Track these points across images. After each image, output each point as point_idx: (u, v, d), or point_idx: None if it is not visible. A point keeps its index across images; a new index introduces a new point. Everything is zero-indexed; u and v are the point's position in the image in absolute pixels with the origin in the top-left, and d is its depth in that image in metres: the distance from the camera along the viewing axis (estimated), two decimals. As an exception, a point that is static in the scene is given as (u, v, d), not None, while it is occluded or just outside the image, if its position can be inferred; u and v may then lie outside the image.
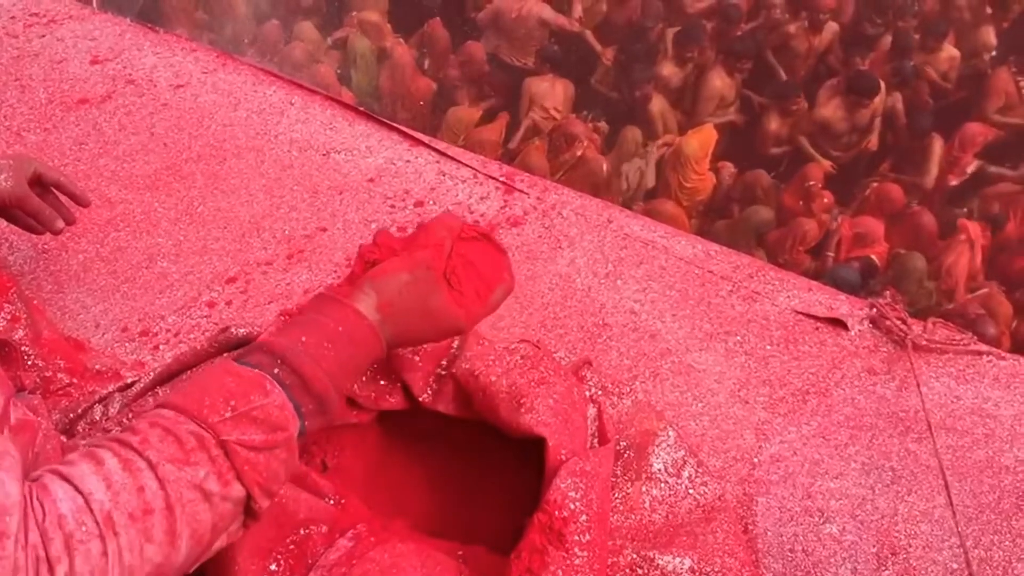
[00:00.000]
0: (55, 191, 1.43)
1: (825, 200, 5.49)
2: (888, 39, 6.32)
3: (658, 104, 6.04)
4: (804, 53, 6.16)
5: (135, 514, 0.73)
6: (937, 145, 5.64)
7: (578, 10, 6.50)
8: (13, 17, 2.02)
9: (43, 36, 2.00)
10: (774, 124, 5.91)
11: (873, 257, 5.00)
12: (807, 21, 6.19)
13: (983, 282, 4.98)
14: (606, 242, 1.75)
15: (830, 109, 5.86)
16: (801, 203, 5.53)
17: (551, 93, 6.12)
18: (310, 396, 0.85)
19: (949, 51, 6.28)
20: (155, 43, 2.03)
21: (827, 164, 5.86)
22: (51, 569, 0.68)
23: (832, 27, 6.24)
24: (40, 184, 1.37)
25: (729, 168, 5.94)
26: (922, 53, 6.22)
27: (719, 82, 6.01)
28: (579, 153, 5.62)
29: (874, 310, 1.62)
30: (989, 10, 6.52)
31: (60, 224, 1.38)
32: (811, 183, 5.48)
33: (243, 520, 0.83)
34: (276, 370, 0.85)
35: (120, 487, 0.74)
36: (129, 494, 0.74)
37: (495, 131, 5.80)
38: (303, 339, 0.87)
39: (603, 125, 5.92)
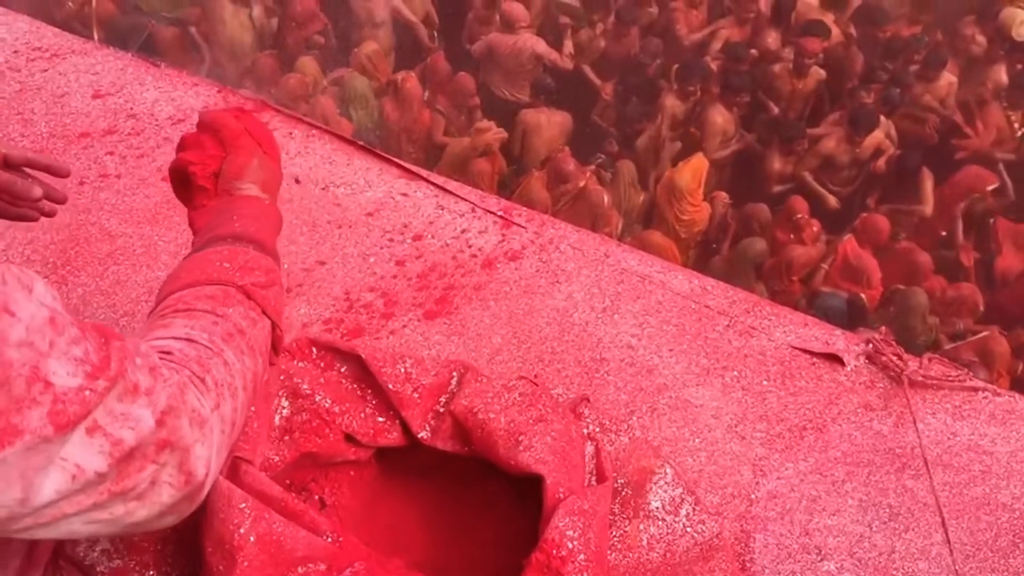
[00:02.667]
0: (30, 172, 1.30)
1: (814, 228, 5.54)
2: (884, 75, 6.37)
3: (647, 138, 6.09)
4: (787, 95, 6.22)
5: (225, 337, 0.90)
6: (927, 178, 5.69)
7: (568, 47, 6.56)
8: (16, 51, 2.04)
9: (46, 70, 2.02)
10: (777, 164, 5.95)
11: (863, 296, 5.03)
12: (792, 64, 6.23)
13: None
14: (603, 276, 1.76)
15: (832, 142, 5.93)
16: (792, 236, 5.57)
17: (546, 126, 6.16)
18: (267, 253, 1.06)
19: (948, 78, 6.35)
20: (156, 77, 2.04)
21: (833, 200, 5.91)
22: (202, 380, 0.82)
23: (818, 73, 6.27)
24: (9, 167, 1.26)
25: (723, 198, 5.98)
26: (921, 83, 6.29)
27: (720, 118, 6.06)
28: (580, 184, 5.66)
29: (870, 346, 1.62)
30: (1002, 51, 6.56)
31: (37, 191, 1.23)
32: (799, 215, 5.53)
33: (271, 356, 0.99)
34: (239, 244, 1.04)
35: (201, 327, 0.90)
36: (211, 328, 0.90)
37: (490, 163, 5.84)
38: (237, 225, 1.06)
39: (602, 160, 5.95)
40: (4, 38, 2.07)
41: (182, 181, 1.15)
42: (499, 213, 1.87)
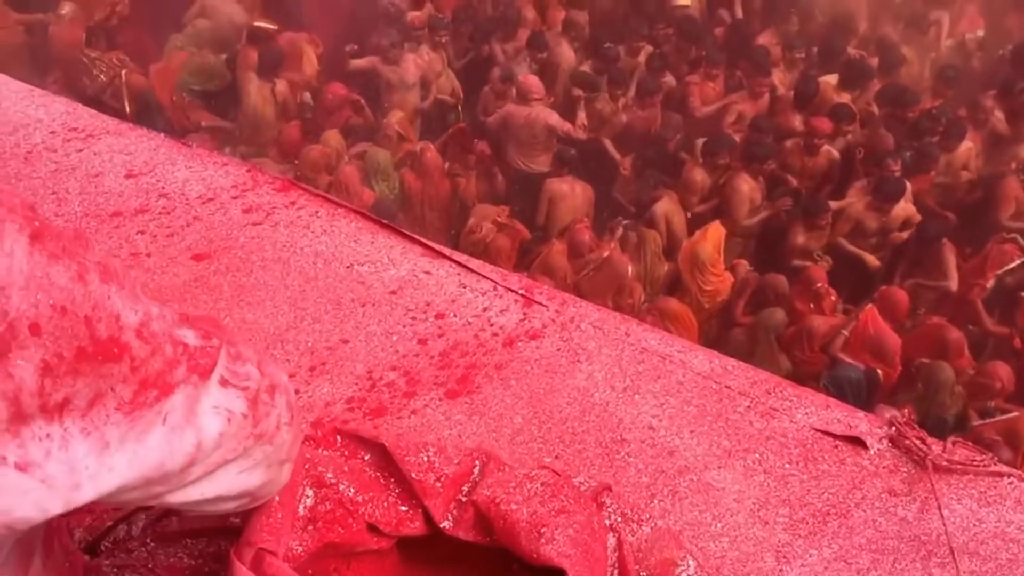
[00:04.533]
0: None
1: (832, 298, 5.54)
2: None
3: (664, 206, 6.14)
4: (798, 171, 6.28)
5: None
6: (950, 252, 5.68)
7: (581, 118, 6.69)
8: (53, 132, 2.11)
9: (81, 150, 2.08)
10: (800, 238, 5.99)
11: (878, 372, 5.01)
12: (802, 141, 6.30)
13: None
14: (624, 356, 1.77)
15: (860, 207, 5.97)
16: (811, 305, 5.57)
17: (571, 195, 6.25)
18: None
19: (966, 144, 6.41)
20: (188, 157, 2.10)
21: (872, 259, 5.92)
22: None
23: (829, 153, 6.33)
24: None
25: (744, 265, 6.01)
26: (943, 153, 6.34)
27: (746, 186, 6.13)
28: (605, 254, 5.71)
29: (893, 428, 1.62)
30: None
31: None
32: (818, 284, 5.54)
33: None
34: None
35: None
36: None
37: (509, 239, 5.91)
38: None
39: (628, 224, 6.00)
40: (42, 119, 2.14)
41: None
42: (520, 291, 1.89)
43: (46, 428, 0.67)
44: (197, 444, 0.77)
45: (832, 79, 6.83)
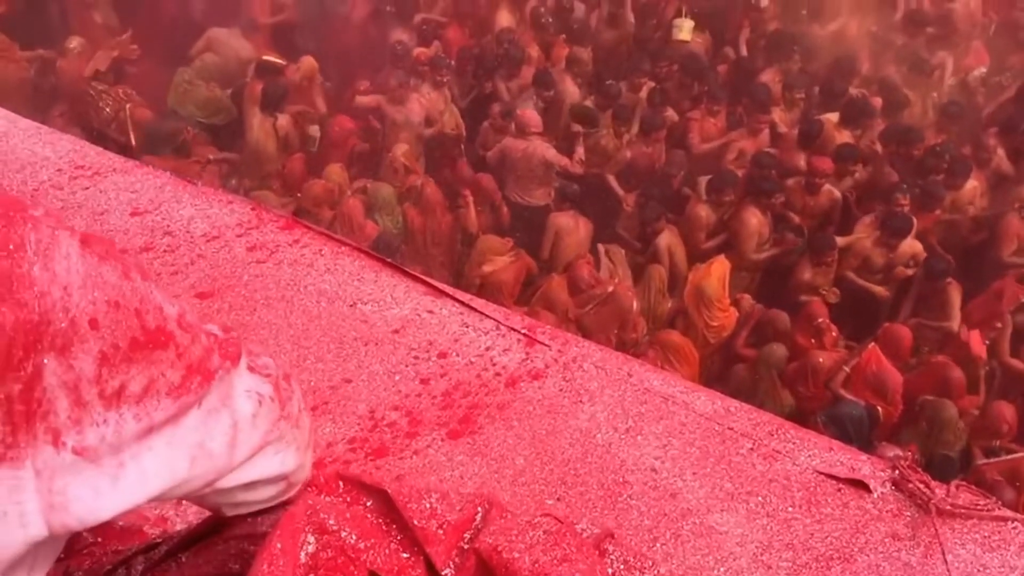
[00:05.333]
0: None
1: (833, 334, 5.53)
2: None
3: (666, 238, 6.16)
4: (799, 210, 6.30)
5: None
6: (956, 292, 5.66)
7: (580, 153, 6.72)
8: (60, 170, 2.13)
9: (87, 188, 2.09)
10: (807, 274, 5.99)
11: (879, 409, 4.99)
12: (804, 180, 6.32)
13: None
14: (626, 396, 1.77)
15: (868, 243, 5.98)
16: (812, 340, 5.57)
17: (575, 230, 6.27)
18: None
19: (971, 184, 6.43)
20: (193, 195, 2.12)
21: (881, 289, 5.91)
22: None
23: (831, 193, 6.35)
24: None
25: (748, 299, 6.01)
26: (948, 192, 6.36)
27: (754, 219, 6.14)
28: (609, 289, 5.71)
29: (896, 472, 1.61)
30: None
31: None
32: (819, 320, 5.53)
33: None
34: None
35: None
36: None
37: (513, 273, 5.92)
38: None
39: (620, 272, 5.99)
40: (49, 156, 2.16)
41: None
42: (523, 331, 1.89)
43: (103, 414, 0.73)
44: (234, 424, 0.84)
45: (833, 117, 6.87)
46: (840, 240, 6.03)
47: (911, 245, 6.01)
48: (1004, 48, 8.27)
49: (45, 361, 0.69)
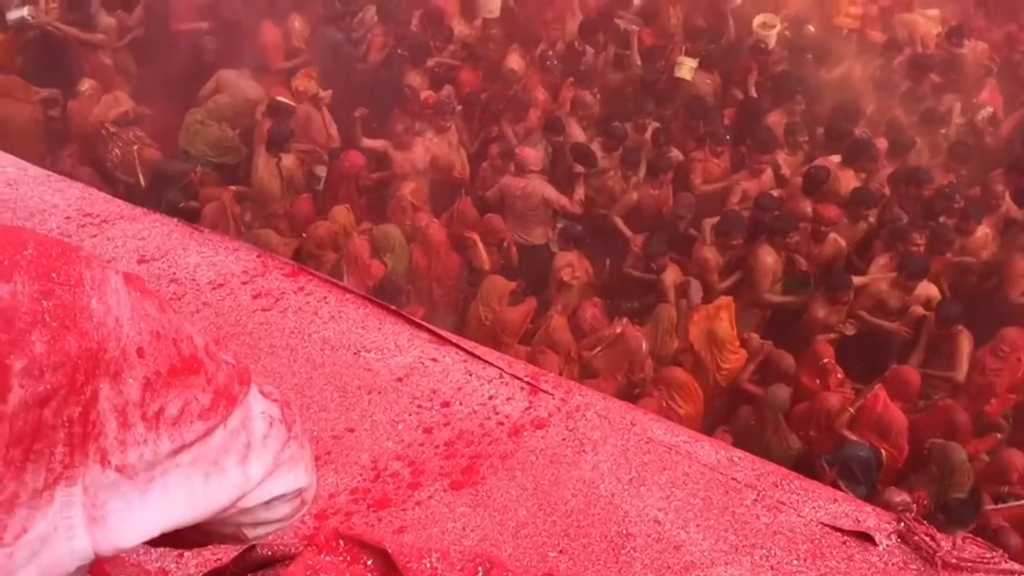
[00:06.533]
0: None
1: (838, 375, 5.50)
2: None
3: (671, 275, 6.16)
4: (805, 256, 6.30)
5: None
6: (966, 341, 5.62)
7: (579, 193, 6.75)
8: (68, 217, 2.15)
9: (95, 236, 2.11)
10: (822, 312, 5.98)
11: (883, 452, 4.94)
12: (810, 227, 6.32)
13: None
14: (630, 446, 1.76)
15: (884, 285, 5.96)
16: (818, 381, 5.54)
17: (580, 270, 6.29)
18: None
19: (983, 230, 6.42)
20: (200, 242, 2.13)
21: (897, 327, 5.89)
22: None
23: (836, 242, 6.34)
24: None
25: (756, 339, 5.99)
26: (958, 237, 6.34)
27: (769, 258, 6.14)
28: (618, 330, 5.70)
29: (902, 524, 1.60)
30: None
31: None
32: (824, 360, 5.50)
33: None
34: None
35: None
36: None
37: (520, 313, 5.91)
38: None
39: (625, 320, 5.97)
40: (58, 204, 2.18)
41: None
42: (526, 379, 1.89)
43: (145, 435, 0.79)
44: (247, 443, 0.89)
45: (836, 158, 6.89)
46: (857, 280, 6.01)
47: (926, 288, 5.99)
48: (1007, 90, 8.32)
49: (101, 386, 0.75)
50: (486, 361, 1.93)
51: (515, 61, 8.04)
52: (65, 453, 0.73)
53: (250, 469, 0.89)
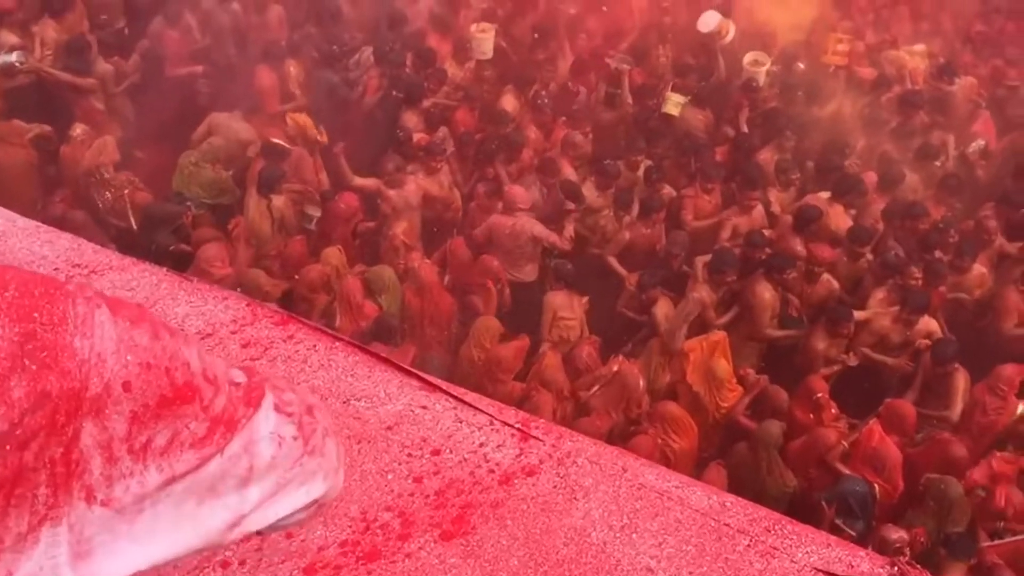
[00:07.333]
0: None
1: (832, 411, 5.50)
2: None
3: (663, 308, 6.17)
4: (797, 295, 6.32)
5: None
6: (961, 379, 5.61)
7: (569, 230, 6.77)
8: (57, 268, 2.14)
9: (84, 286, 2.10)
10: (822, 344, 5.98)
11: (876, 487, 4.93)
12: (804, 268, 6.34)
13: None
14: (621, 492, 1.75)
15: (886, 321, 5.97)
16: (812, 415, 5.53)
17: (570, 307, 6.29)
18: None
19: (978, 269, 6.44)
20: (189, 292, 2.13)
21: (899, 362, 5.88)
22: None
23: (829, 283, 6.36)
24: None
25: (751, 373, 5.99)
26: (953, 274, 6.36)
27: (768, 294, 6.15)
28: (615, 369, 5.71)
29: (895, 568, 1.59)
30: None
31: None
32: (818, 395, 5.50)
33: None
34: None
35: None
36: None
37: (513, 350, 5.91)
38: None
39: (621, 357, 5.97)
40: (47, 256, 2.18)
41: None
42: (517, 426, 1.88)
43: (131, 467, 0.79)
44: (249, 467, 0.90)
45: (826, 195, 6.93)
46: (858, 314, 6.01)
47: (927, 323, 6.00)
48: (999, 122, 8.40)
49: (84, 424, 0.75)
50: (476, 408, 1.93)
51: (509, 102, 8.11)
52: (48, 494, 0.73)
53: (250, 493, 0.88)
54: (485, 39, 8.49)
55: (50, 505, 0.73)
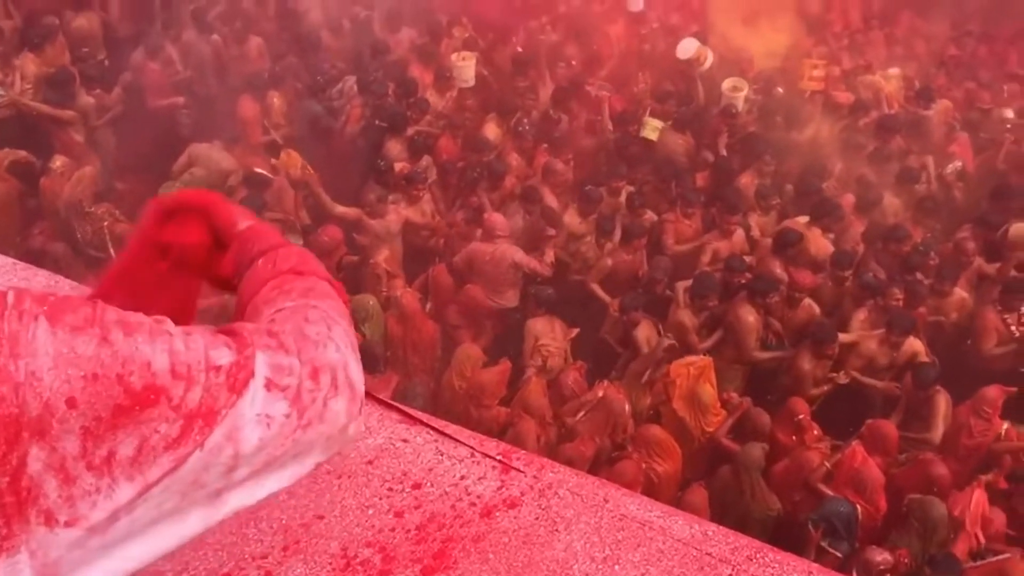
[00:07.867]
0: None
1: (815, 432, 5.51)
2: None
3: (644, 330, 6.18)
4: (779, 318, 6.34)
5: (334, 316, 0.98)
6: (943, 401, 5.64)
7: (549, 255, 6.80)
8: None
9: (61, 322, 2.09)
10: (807, 365, 5.99)
11: (858, 508, 4.93)
12: (785, 293, 6.36)
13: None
14: (603, 524, 1.75)
15: (873, 344, 5.99)
16: (794, 437, 5.54)
17: (551, 332, 6.29)
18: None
19: (959, 293, 6.48)
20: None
21: (881, 385, 5.90)
22: (314, 309, 0.96)
23: (811, 308, 6.38)
24: None
25: (735, 396, 6.00)
26: (934, 297, 6.39)
27: (751, 317, 6.17)
28: (600, 394, 5.71)
29: (877, 596, 1.59)
30: None
31: None
32: (800, 417, 5.52)
33: None
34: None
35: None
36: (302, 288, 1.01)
37: (496, 375, 5.90)
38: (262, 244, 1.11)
39: (606, 383, 5.97)
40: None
41: (179, 261, 1.14)
42: (498, 457, 1.88)
43: (95, 483, 0.73)
44: (235, 455, 0.82)
45: (804, 219, 6.98)
46: (843, 337, 6.03)
47: (911, 344, 6.03)
48: (976, 144, 8.51)
49: (29, 449, 0.70)
50: (457, 440, 1.92)
51: (491, 130, 8.15)
52: (0, 525, 0.69)
53: (233, 476, 0.83)
54: (466, 67, 8.55)
55: (3, 536, 0.70)
